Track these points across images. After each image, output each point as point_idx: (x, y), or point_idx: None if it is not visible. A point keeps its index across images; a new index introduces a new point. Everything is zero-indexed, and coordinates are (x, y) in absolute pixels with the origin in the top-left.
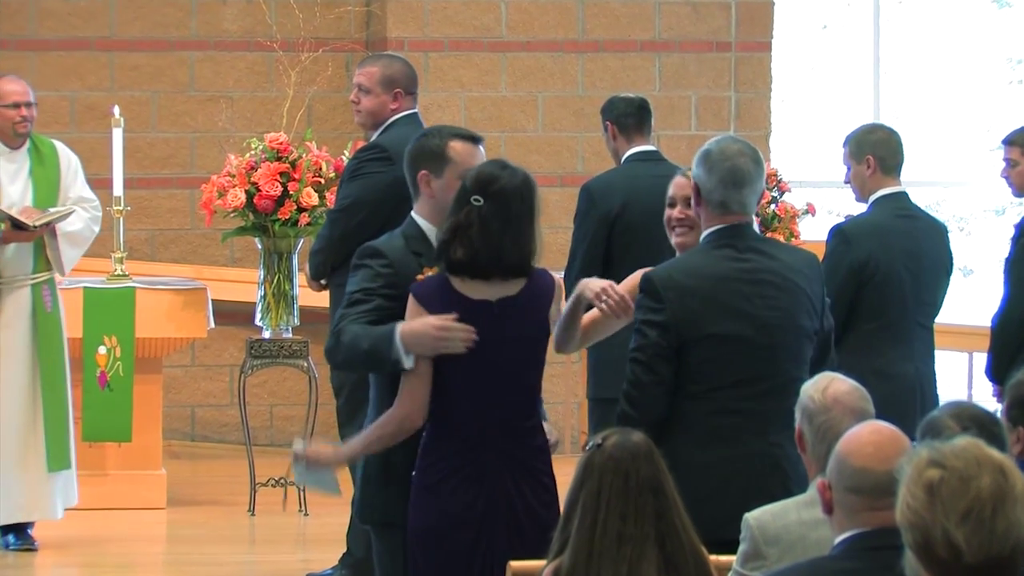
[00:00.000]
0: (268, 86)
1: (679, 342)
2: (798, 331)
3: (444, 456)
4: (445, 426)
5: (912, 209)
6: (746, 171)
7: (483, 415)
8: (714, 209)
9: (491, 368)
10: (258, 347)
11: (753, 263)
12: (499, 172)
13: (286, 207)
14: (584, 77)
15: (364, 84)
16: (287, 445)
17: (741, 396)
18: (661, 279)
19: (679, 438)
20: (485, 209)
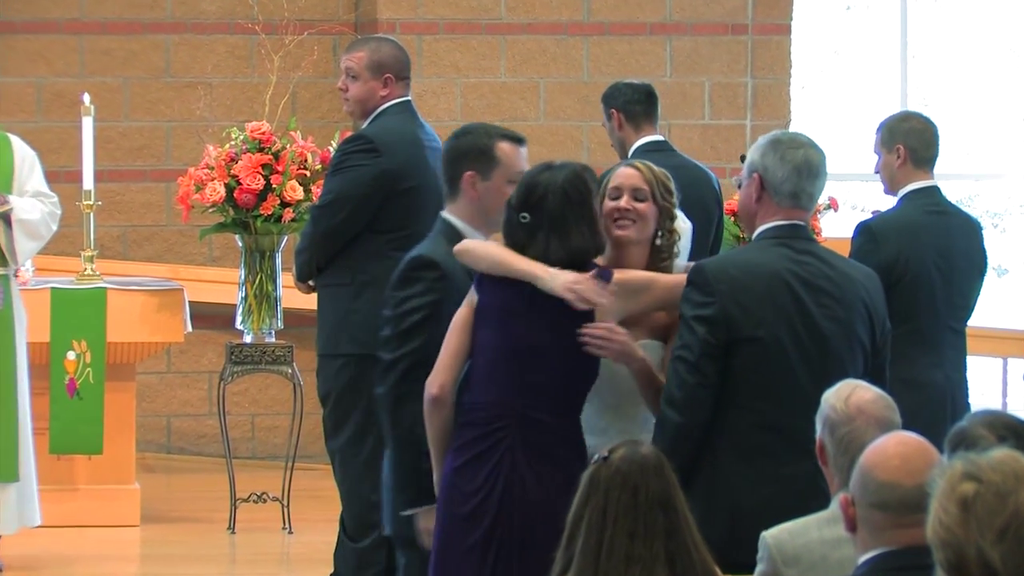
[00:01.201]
0: (249, 71)
1: (727, 340)
2: (853, 344)
3: (473, 438)
4: (471, 407)
5: (944, 205)
6: (819, 164)
7: (511, 400)
8: (781, 200)
9: (521, 348)
10: (239, 352)
11: (812, 267)
12: (538, 177)
13: (269, 202)
14: (589, 62)
15: (352, 69)
16: (270, 458)
17: (786, 411)
18: (714, 270)
19: (723, 450)
20: (531, 224)
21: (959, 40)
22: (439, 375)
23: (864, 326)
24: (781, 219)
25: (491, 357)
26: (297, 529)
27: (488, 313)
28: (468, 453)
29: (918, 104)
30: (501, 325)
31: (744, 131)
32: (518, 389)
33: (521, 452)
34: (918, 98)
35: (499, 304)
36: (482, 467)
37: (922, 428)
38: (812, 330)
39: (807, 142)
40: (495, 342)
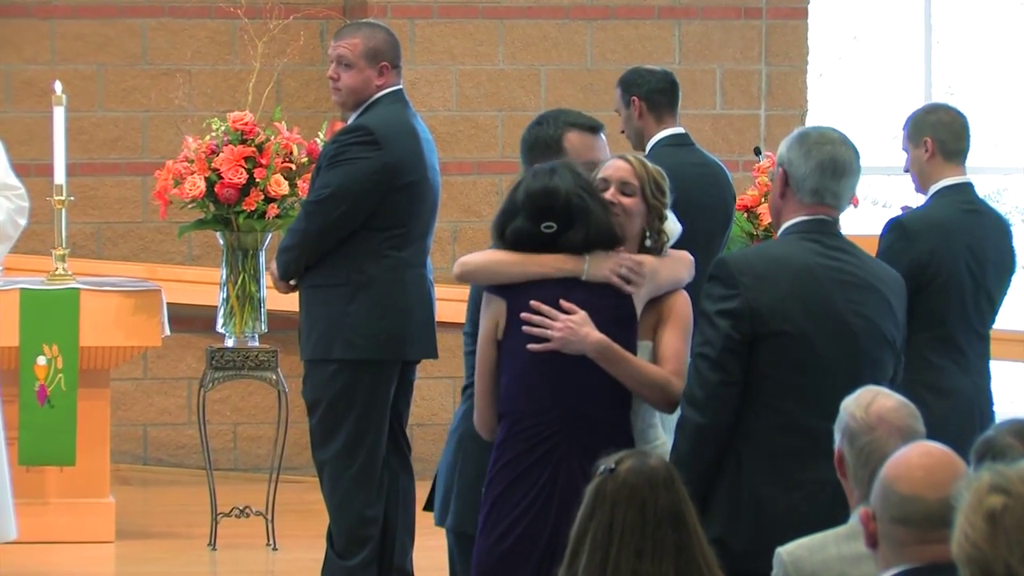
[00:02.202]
0: (231, 58)
1: (751, 336)
2: (882, 342)
3: (512, 459)
4: (512, 420)
5: (978, 203)
6: (847, 162)
7: (556, 402)
8: (804, 197)
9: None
10: (220, 357)
11: (840, 262)
12: (550, 186)
13: (252, 197)
14: (593, 48)
15: (345, 57)
16: (253, 470)
17: (814, 411)
18: (737, 263)
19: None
20: (559, 230)
21: (987, 25)
22: (488, 419)
23: (891, 328)
24: (806, 214)
25: (531, 359)
26: (282, 546)
27: (522, 309)
28: (513, 473)
29: (943, 93)
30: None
31: (758, 121)
32: (563, 389)
33: (576, 459)
34: (943, 87)
35: (539, 296)
36: (535, 482)
37: (950, 438)
38: (841, 326)
39: (838, 138)
40: (533, 341)
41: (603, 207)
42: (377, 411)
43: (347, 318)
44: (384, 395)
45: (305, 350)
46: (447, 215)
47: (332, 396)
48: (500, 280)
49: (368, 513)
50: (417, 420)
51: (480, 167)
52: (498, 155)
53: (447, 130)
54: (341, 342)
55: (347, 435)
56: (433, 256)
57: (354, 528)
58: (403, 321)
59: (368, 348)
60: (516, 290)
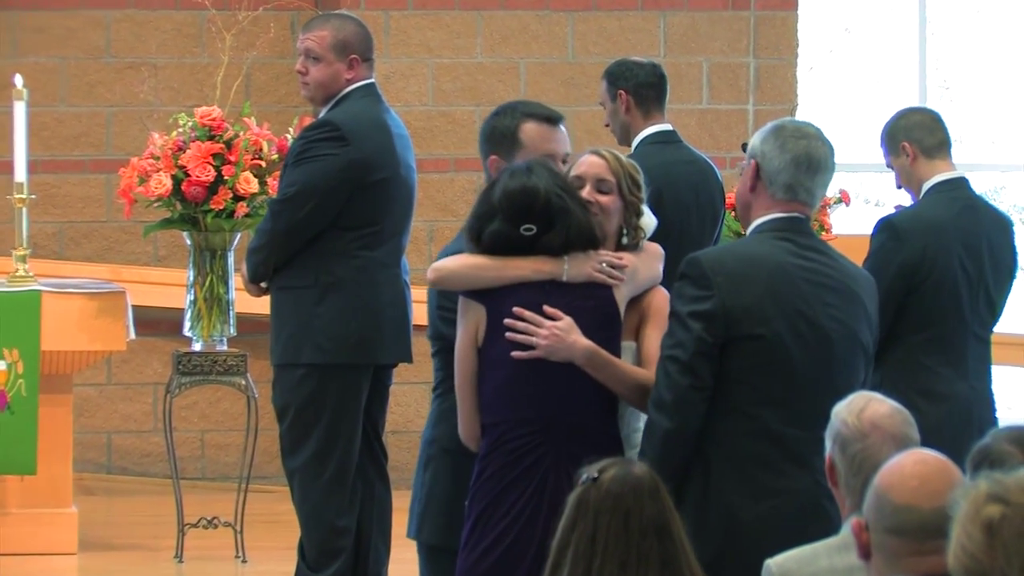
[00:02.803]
0: (199, 51)
1: (724, 339)
2: (856, 346)
3: (496, 471)
4: (495, 431)
5: (974, 198)
6: (823, 158)
7: (540, 410)
8: (776, 192)
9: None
10: (187, 362)
11: (815, 263)
12: (528, 186)
13: (220, 195)
14: (575, 40)
15: (314, 50)
16: (221, 479)
17: (786, 417)
18: (710, 262)
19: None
20: (539, 231)
21: (983, 16)
22: (472, 429)
23: (865, 332)
24: (779, 211)
25: (514, 367)
26: (251, 558)
27: (501, 320)
28: (497, 486)
29: (938, 88)
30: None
31: (746, 117)
32: (549, 397)
33: (564, 469)
34: (938, 81)
35: (511, 306)
36: (520, 495)
37: (945, 445)
38: (815, 330)
39: (813, 133)
40: (515, 347)
41: (582, 207)
42: (348, 417)
43: (315, 321)
44: (355, 401)
45: (274, 354)
46: (423, 214)
47: (301, 402)
48: (476, 285)
49: (340, 523)
50: (393, 427)
51: (457, 164)
52: (476, 151)
53: (423, 125)
54: (309, 346)
55: (317, 442)
56: (409, 256)
57: (326, 539)
58: (374, 323)
59: (337, 352)
60: (495, 295)
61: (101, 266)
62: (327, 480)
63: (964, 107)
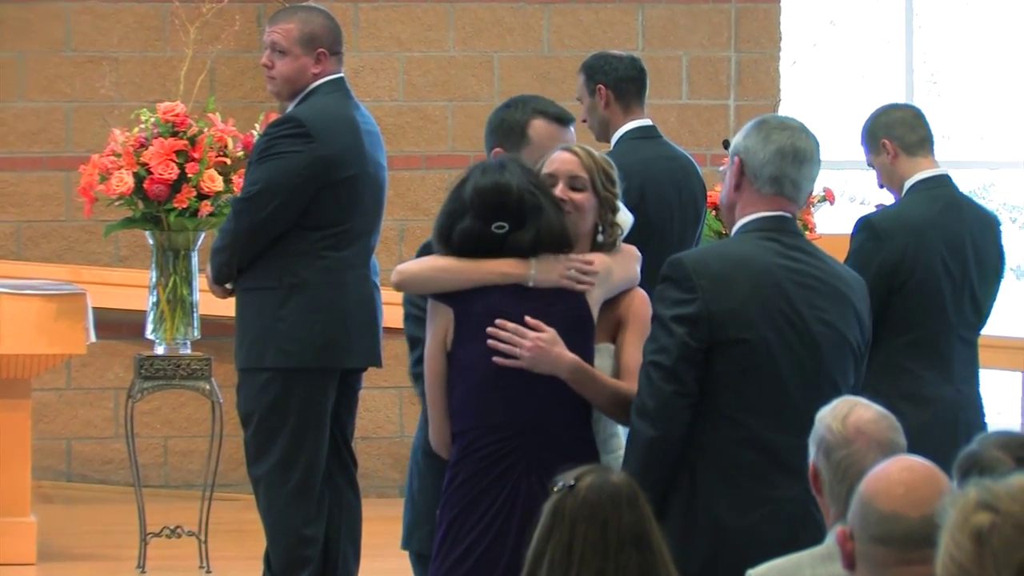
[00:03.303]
0: (161, 44)
1: (709, 343)
2: (845, 352)
3: (468, 479)
4: (466, 439)
5: (957, 196)
6: (808, 150)
7: (512, 417)
8: (762, 187)
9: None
10: (149, 366)
11: (802, 264)
12: (500, 183)
13: (183, 193)
14: (550, 34)
15: (280, 44)
16: (184, 487)
17: (774, 424)
18: (694, 263)
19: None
20: (511, 229)
21: (972, 8)
22: (442, 435)
23: (855, 334)
24: (765, 210)
25: (484, 373)
26: (216, 568)
27: (470, 324)
28: (468, 495)
29: (925, 82)
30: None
31: (727, 112)
32: (520, 403)
33: (537, 477)
34: (925, 75)
35: (482, 311)
36: (492, 504)
37: (929, 451)
38: (803, 334)
39: (798, 126)
40: (485, 352)
41: (555, 206)
42: (314, 423)
43: (280, 323)
44: (321, 406)
45: (238, 358)
46: (393, 213)
47: (265, 407)
48: (440, 289)
49: (307, 532)
50: (362, 433)
51: (429, 161)
52: (448, 148)
53: (393, 121)
54: (273, 349)
55: (282, 449)
56: (379, 257)
57: (292, 549)
58: (341, 326)
59: (302, 356)
60: (463, 297)
61: (60, 267)
62: (293, 488)
63: (952, 102)
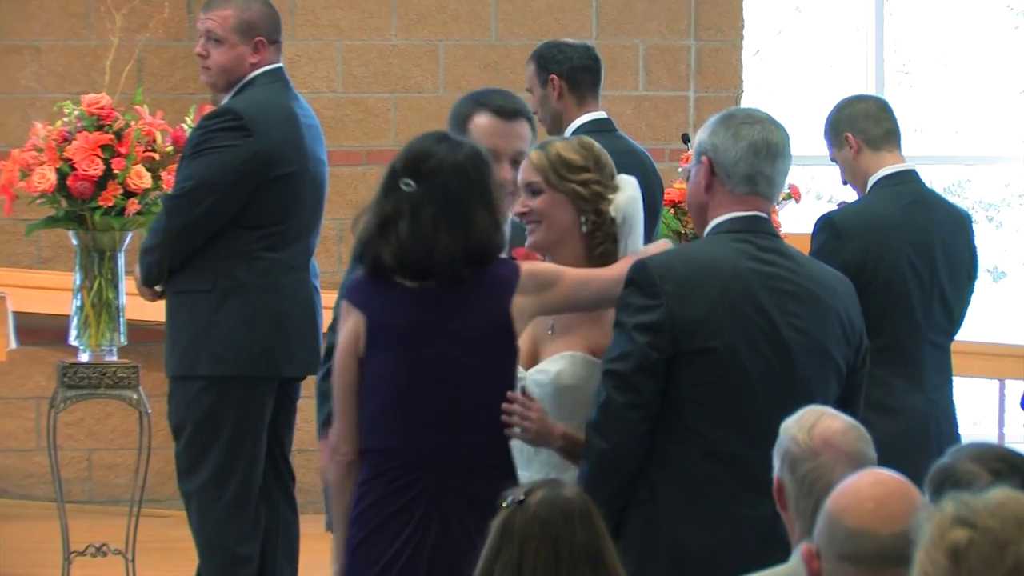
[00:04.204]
0: (86, 33)
1: (673, 352)
2: (824, 361)
3: (377, 500)
4: (376, 459)
5: (924, 193)
6: (780, 143)
7: (425, 439)
8: (736, 187)
9: (429, 373)
10: (73, 374)
11: (776, 267)
12: (434, 147)
13: (109, 191)
14: (498, 22)
15: (215, 32)
16: (110, 502)
17: (742, 439)
18: (658, 268)
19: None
20: (417, 195)
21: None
22: (350, 440)
23: (838, 343)
24: (738, 210)
25: (395, 389)
26: None
27: (384, 334)
28: (377, 518)
29: (897, 72)
30: (402, 345)
31: (686, 104)
32: (435, 425)
33: (450, 503)
34: (896, 65)
35: (397, 321)
36: (400, 530)
37: (899, 463)
38: (776, 343)
39: (766, 118)
40: (398, 366)
41: (488, 210)
42: (250, 435)
43: (214, 329)
44: (258, 416)
45: (169, 365)
46: (333, 212)
47: (198, 418)
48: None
49: (242, 551)
50: (300, 445)
51: (370, 156)
52: (391, 142)
53: (332, 114)
54: (207, 356)
55: (216, 462)
56: (318, 258)
57: (226, 568)
58: (279, 332)
59: (238, 363)
60: (376, 304)
61: None
62: (227, 503)
63: (925, 94)
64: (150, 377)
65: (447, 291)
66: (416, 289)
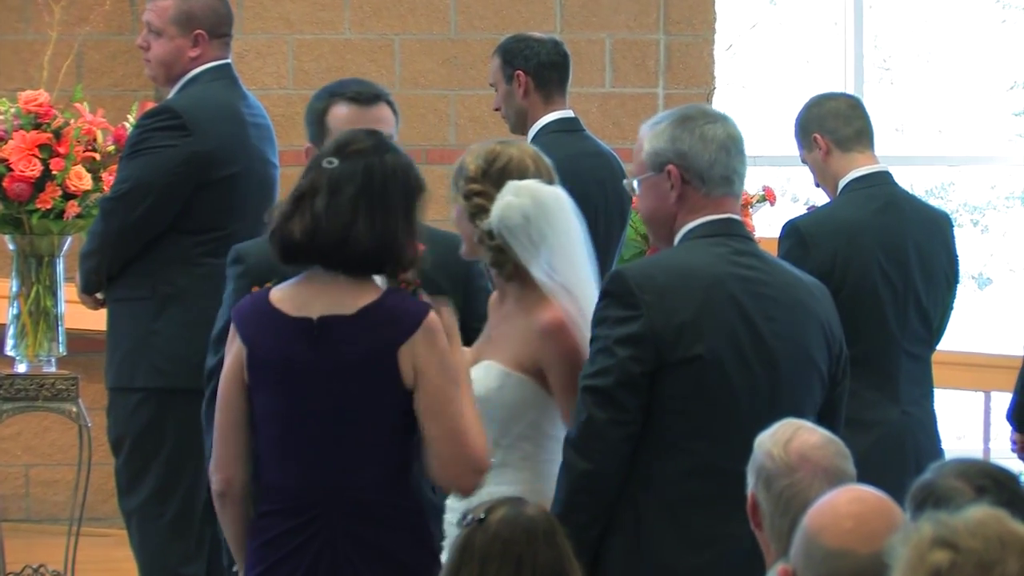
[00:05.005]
0: (22, 27)
1: (656, 365)
2: (809, 368)
3: (271, 539)
4: (272, 494)
5: (897, 195)
6: (741, 137)
7: (312, 479)
8: (712, 189)
9: (312, 411)
10: (9, 386)
11: (756, 271)
12: (367, 137)
13: (48, 193)
14: (457, 15)
15: (153, 23)
16: (49, 520)
17: (728, 452)
18: (636, 277)
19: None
20: (338, 172)
21: None
22: (221, 468)
23: (820, 350)
24: (712, 213)
25: (280, 425)
26: None
27: (265, 370)
28: (271, 556)
29: (877, 68)
30: (282, 383)
31: (655, 101)
32: (322, 465)
33: (343, 548)
34: (876, 60)
35: (275, 357)
36: (293, 572)
37: (873, 479)
38: (761, 350)
39: (722, 115)
40: (279, 404)
41: (408, 220)
42: (193, 450)
43: (153, 338)
44: (200, 430)
45: (108, 376)
46: None
47: (137, 432)
48: None
49: (185, 572)
50: None
51: None
52: None
53: (281, 112)
54: (146, 367)
55: (157, 478)
56: None
57: None
58: None
59: (178, 374)
60: (256, 335)
61: None
62: (169, 522)
63: (907, 91)
64: (90, 389)
65: (329, 323)
66: (297, 320)
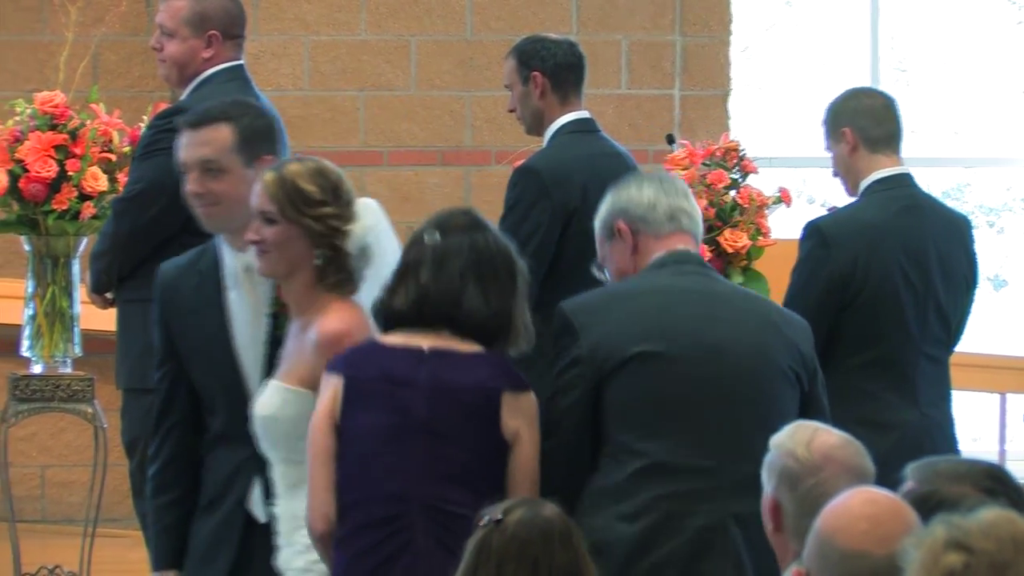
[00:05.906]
0: (39, 27)
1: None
2: (770, 364)
3: (358, 554)
4: (354, 516)
5: (918, 197)
6: (681, 181)
7: (411, 488)
8: (660, 228)
9: (414, 430)
10: (25, 387)
11: (705, 281)
12: (463, 215)
13: (64, 193)
14: (474, 16)
15: (166, 25)
16: (64, 521)
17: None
18: (570, 306)
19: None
20: (442, 247)
21: None
22: (320, 507)
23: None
24: (660, 250)
25: (378, 442)
26: None
27: (364, 388)
28: (362, 568)
29: (893, 70)
30: (389, 400)
31: (671, 103)
32: (421, 473)
33: (438, 561)
34: (893, 62)
35: (375, 377)
36: None
37: (890, 482)
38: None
39: (666, 175)
40: (377, 421)
41: (519, 301)
42: None
43: None
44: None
45: (120, 377)
46: None
47: (151, 433)
48: None
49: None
50: None
51: (339, 158)
52: (360, 143)
53: (298, 113)
54: None
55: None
56: None
57: None
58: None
59: None
60: (356, 364)
61: None
62: None
63: (923, 93)
64: (106, 390)
65: (440, 352)
66: (407, 347)
